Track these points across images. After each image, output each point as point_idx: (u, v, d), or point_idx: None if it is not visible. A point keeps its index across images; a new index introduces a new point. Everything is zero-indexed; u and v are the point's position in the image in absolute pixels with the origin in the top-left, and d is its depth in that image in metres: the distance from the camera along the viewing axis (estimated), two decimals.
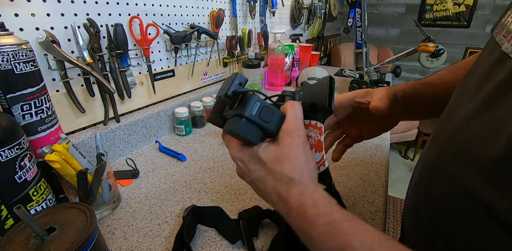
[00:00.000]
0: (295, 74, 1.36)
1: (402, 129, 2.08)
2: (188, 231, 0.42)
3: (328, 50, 2.82)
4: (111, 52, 0.62)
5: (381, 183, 0.58)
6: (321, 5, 1.95)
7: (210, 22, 0.96)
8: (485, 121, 0.24)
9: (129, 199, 0.53)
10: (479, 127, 0.24)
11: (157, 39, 0.76)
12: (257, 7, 1.22)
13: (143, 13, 0.71)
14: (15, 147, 0.36)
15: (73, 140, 0.56)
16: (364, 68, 1.16)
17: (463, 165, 0.25)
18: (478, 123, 0.24)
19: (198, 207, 0.47)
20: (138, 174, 0.61)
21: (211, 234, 0.45)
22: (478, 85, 0.26)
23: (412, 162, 2.50)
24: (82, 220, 0.32)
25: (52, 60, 0.53)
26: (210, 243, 0.43)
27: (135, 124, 0.70)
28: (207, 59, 0.99)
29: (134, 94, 0.72)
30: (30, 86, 0.40)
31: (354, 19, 1.16)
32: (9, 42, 0.37)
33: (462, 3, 2.67)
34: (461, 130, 0.27)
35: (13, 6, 0.47)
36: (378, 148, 0.73)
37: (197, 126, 0.85)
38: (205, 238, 0.44)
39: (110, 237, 0.44)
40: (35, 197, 0.40)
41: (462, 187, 0.25)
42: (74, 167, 0.44)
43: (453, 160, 0.27)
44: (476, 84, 0.27)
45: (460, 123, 0.27)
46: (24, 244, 0.29)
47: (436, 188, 0.29)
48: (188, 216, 0.44)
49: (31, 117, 0.41)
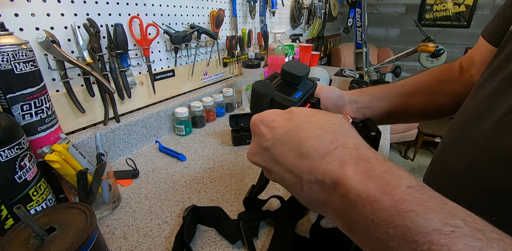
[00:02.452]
0: None
1: (402, 129, 2.08)
2: (188, 231, 0.42)
3: (328, 50, 2.82)
4: (111, 52, 0.62)
5: None
6: (321, 5, 1.95)
7: (210, 22, 0.96)
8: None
9: (129, 199, 0.53)
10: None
11: (157, 39, 0.76)
12: (257, 7, 1.22)
13: (143, 13, 0.71)
14: (15, 147, 0.36)
15: (73, 140, 0.56)
16: (364, 68, 1.16)
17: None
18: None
19: (198, 207, 0.47)
20: (138, 174, 0.61)
21: (211, 234, 0.45)
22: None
23: (412, 162, 2.50)
24: (82, 220, 0.32)
25: (52, 60, 0.53)
26: (210, 243, 0.43)
27: (135, 124, 0.70)
28: (207, 59, 0.99)
29: (134, 94, 0.72)
30: (30, 86, 0.40)
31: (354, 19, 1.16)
32: (9, 42, 0.37)
33: (462, 3, 2.67)
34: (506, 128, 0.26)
35: (13, 6, 0.47)
36: (378, 148, 0.73)
37: (197, 126, 0.85)
38: (205, 238, 0.44)
39: (110, 237, 0.44)
40: (35, 197, 0.40)
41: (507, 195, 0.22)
42: (74, 167, 0.44)
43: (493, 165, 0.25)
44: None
45: (501, 121, 0.26)
46: (24, 244, 0.29)
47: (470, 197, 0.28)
48: (188, 216, 0.44)
49: (31, 117, 0.41)
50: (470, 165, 0.30)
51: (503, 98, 0.28)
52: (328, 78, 1.26)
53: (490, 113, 0.29)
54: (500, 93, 0.29)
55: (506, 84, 0.29)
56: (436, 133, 2.32)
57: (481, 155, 0.29)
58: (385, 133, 0.83)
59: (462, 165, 0.31)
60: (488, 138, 0.28)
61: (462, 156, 0.32)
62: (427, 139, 2.36)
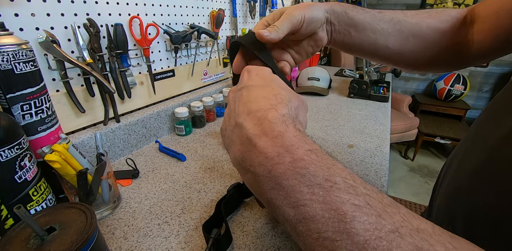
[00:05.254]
0: (295, 74, 1.36)
1: (402, 129, 2.08)
2: (227, 203, 0.47)
3: (328, 50, 2.82)
4: (111, 52, 0.62)
5: (381, 183, 0.58)
6: None
7: (210, 22, 0.96)
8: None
9: (129, 199, 0.53)
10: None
11: (157, 39, 0.76)
12: (257, 7, 1.22)
13: (143, 13, 0.71)
14: (15, 147, 0.36)
15: (73, 140, 0.56)
16: (364, 68, 1.16)
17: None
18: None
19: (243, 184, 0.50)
20: (138, 174, 0.61)
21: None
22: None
23: (412, 162, 2.50)
24: (82, 220, 0.32)
25: (52, 60, 0.53)
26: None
27: (135, 124, 0.70)
28: (207, 59, 0.99)
29: (134, 94, 0.72)
30: (30, 86, 0.40)
31: None
32: (9, 42, 0.37)
33: (462, 3, 2.67)
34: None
35: (13, 6, 0.47)
36: (378, 148, 0.73)
37: (197, 125, 0.85)
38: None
39: (110, 237, 0.44)
40: (35, 197, 0.40)
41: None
42: (74, 167, 0.44)
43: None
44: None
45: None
46: (24, 244, 0.29)
47: (480, 204, 0.27)
48: (232, 190, 0.48)
49: (31, 117, 0.41)
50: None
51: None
52: (328, 78, 1.26)
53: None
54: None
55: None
56: (436, 133, 2.32)
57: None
58: (385, 133, 0.83)
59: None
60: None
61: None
62: (427, 139, 2.36)
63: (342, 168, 0.20)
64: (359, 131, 0.84)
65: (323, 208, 0.18)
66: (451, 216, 0.32)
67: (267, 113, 0.24)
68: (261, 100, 0.25)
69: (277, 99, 0.25)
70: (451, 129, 2.39)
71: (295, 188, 0.19)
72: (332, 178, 0.19)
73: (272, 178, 0.20)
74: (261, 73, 0.30)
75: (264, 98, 0.26)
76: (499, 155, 0.27)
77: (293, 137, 0.22)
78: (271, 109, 0.24)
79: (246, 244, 0.43)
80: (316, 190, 0.19)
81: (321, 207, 0.18)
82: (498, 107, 0.32)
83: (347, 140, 0.78)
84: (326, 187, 0.19)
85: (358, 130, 0.84)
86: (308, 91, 1.18)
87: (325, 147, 0.74)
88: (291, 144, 0.21)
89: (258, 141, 0.22)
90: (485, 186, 0.28)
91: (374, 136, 0.80)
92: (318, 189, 0.19)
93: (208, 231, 0.41)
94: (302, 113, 0.27)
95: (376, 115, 0.97)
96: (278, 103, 0.25)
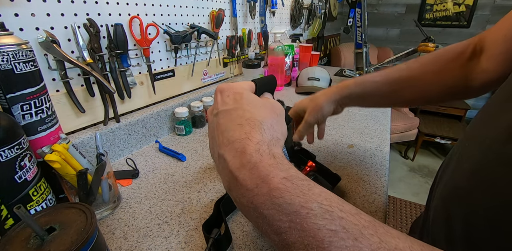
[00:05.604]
0: (295, 74, 1.36)
1: (402, 129, 2.08)
2: (227, 203, 0.47)
3: (328, 50, 2.82)
4: (111, 52, 0.62)
5: (381, 183, 0.58)
6: (321, 5, 1.95)
7: (210, 22, 0.96)
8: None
9: (129, 199, 0.53)
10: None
11: (157, 39, 0.76)
12: (257, 7, 1.22)
13: (143, 13, 0.71)
14: (15, 147, 0.36)
15: (73, 140, 0.56)
16: (364, 68, 1.16)
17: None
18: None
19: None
20: (138, 174, 0.61)
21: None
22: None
23: (412, 162, 2.50)
24: (82, 220, 0.32)
25: (52, 60, 0.53)
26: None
27: (135, 124, 0.70)
28: (207, 59, 0.99)
29: (134, 94, 0.72)
30: (30, 86, 0.40)
31: (354, 19, 1.16)
32: (9, 42, 0.37)
33: (462, 3, 2.67)
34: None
35: (13, 6, 0.47)
36: (378, 148, 0.73)
37: (197, 126, 0.85)
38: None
39: (110, 237, 0.44)
40: (35, 197, 0.40)
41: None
42: (74, 167, 0.44)
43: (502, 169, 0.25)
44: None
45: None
46: (24, 244, 0.29)
47: (479, 205, 0.27)
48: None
49: (31, 117, 0.41)
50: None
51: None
52: (328, 78, 1.26)
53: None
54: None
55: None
56: (436, 133, 2.32)
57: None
58: (385, 133, 0.83)
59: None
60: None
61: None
62: (427, 139, 2.36)
63: (318, 192, 0.21)
64: (359, 131, 0.84)
65: (301, 235, 0.19)
66: (448, 216, 0.32)
67: (242, 144, 0.24)
68: (236, 129, 0.26)
69: (250, 125, 0.26)
70: (451, 129, 2.39)
71: (275, 217, 0.20)
72: (307, 204, 0.20)
73: (255, 208, 0.21)
74: (231, 94, 0.29)
75: (239, 125, 0.26)
76: (496, 155, 0.27)
77: (268, 166, 0.22)
78: (245, 139, 0.25)
79: (246, 244, 0.43)
80: (293, 217, 0.19)
81: (299, 234, 0.19)
82: (494, 107, 0.32)
83: (347, 140, 0.78)
84: (302, 214, 0.19)
85: (358, 130, 0.84)
86: (308, 91, 1.18)
87: (325, 147, 0.74)
88: (266, 174, 0.22)
89: (238, 174, 0.23)
90: (483, 187, 0.27)
91: (374, 136, 0.80)
92: (295, 216, 0.19)
93: (208, 231, 0.41)
94: (278, 127, 0.28)
95: (376, 115, 0.97)
96: (251, 129, 0.25)
